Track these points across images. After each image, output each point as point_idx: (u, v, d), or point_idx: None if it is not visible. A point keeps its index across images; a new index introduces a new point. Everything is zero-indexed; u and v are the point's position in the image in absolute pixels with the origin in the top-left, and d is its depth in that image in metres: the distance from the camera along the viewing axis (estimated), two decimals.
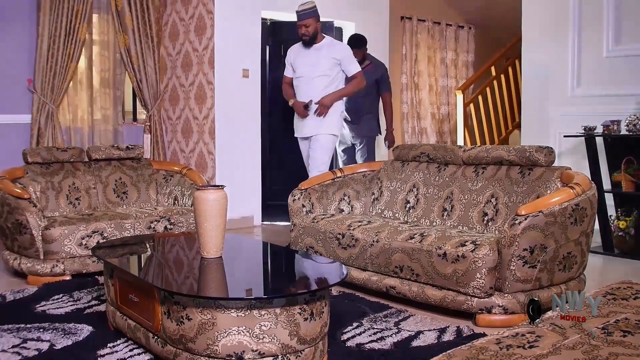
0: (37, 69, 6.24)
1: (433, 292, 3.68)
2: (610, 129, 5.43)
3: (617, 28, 5.95)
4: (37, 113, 6.25)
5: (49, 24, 6.22)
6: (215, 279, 3.15)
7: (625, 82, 5.84)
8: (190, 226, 4.86)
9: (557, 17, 6.31)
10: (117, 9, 6.71)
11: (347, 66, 5.49)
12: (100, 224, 4.54)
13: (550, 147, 4.07)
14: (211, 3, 6.56)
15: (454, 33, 9.92)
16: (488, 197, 4.13)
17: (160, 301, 2.77)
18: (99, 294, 4.01)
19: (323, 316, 2.77)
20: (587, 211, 3.61)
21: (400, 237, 3.89)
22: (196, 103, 6.83)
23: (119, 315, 3.20)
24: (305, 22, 5.29)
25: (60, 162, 5.07)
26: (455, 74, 9.99)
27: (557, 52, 6.34)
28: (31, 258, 4.42)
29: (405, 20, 9.24)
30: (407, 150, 4.82)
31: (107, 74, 6.86)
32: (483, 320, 3.48)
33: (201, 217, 3.17)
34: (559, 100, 6.34)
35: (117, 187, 5.23)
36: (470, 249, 3.51)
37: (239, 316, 2.57)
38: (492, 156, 4.25)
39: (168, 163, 5.90)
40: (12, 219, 4.42)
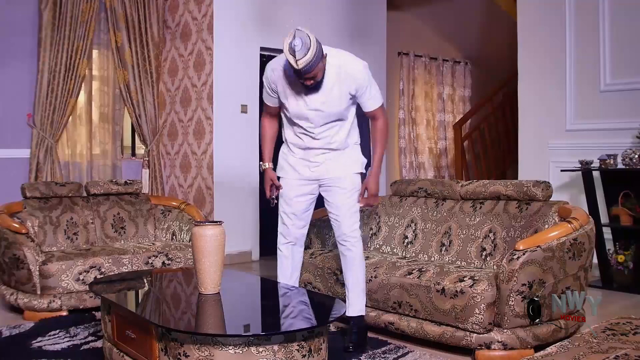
0: (37, 103, 6.28)
1: (432, 327, 3.66)
2: (607, 163, 5.45)
3: (613, 62, 6.00)
4: (36, 148, 6.27)
5: (49, 60, 6.28)
6: (212, 315, 3.14)
7: (621, 115, 5.88)
8: (188, 262, 4.85)
9: (553, 51, 6.37)
10: (117, 45, 6.77)
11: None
12: (97, 259, 4.52)
13: (548, 181, 4.08)
14: (210, 39, 6.63)
15: (451, 68, 10.01)
16: (486, 232, 4.13)
17: (157, 338, 2.76)
18: (96, 329, 3.98)
19: (321, 353, 2.76)
20: (585, 245, 3.61)
21: (398, 272, 3.88)
22: (195, 138, 6.85)
23: (116, 351, 3.17)
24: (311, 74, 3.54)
25: (58, 197, 5.07)
26: (452, 109, 10.05)
27: (553, 86, 6.39)
28: (28, 293, 4.39)
29: (403, 56, 9.33)
30: (405, 185, 4.83)
31: (107, 109, 6.91)
32: (482, 356, 3.46)
33: (199, 252, 3.17)
34: (556, 134, 6.37)
35: (115, 222, 5.22)
36: (468, 285, 3.50)
37: (237, 353, 2.55)
38: (489, 191, 4.26)
39: (166, 198, 5.90)
40: (10, 253, 4.41)
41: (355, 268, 3.74)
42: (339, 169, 3.77)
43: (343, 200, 3.75)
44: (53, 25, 6.28)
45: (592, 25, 6.09)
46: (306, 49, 3.46)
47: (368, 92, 3.71)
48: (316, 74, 3.54)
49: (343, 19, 7.69)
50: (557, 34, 6.34)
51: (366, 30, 7.92)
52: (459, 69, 10.11)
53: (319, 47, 3.55)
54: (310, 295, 3.71)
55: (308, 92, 3.65)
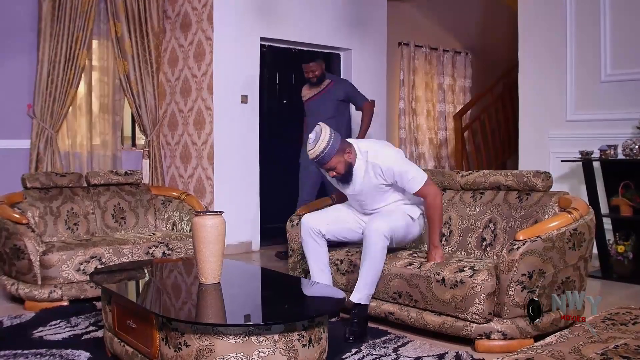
0: (37, 94, 6.27)
1: (432, 317, 3.67)
2: (607, 154, 5.45)
3: (613, 52, 5.99)
4: (36, 138, 6.27)
5: (49, 50, 6.27)
6: (213, 305, 3.15)
7: (622, 106, 5.87)
8: (188, 252, 4.85)
9: (554, 41, 6.36)
10: (116, 35, 6.76)
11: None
12: (98, 250, 4.53)
13: (548, 172, 4.08)
14: (210, 30, 6.62)
15: (451, 59, 9.99)
16: (486, 222, 4.14)
17: (158, 327, 2.76)
18: (97, 319, 3.99)
19: (322, 342, 2.77)
20: (585, 236, 3.61)
21: (398, 263, 3.89)
22: (195, 128, 6.85)
23: (117, 341, 3.18)
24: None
25: (59, 188, 5.07)
26: (453, 100, 10.04)
27: (553, 76, 6.38)
28: (29, 283, 4.40)
29: (403, 47, 9.31)
30: None
31: (107, 99, 6.90)
32: (482, 346, 3.47)
33: (199, 243, 3.17)
34: (556, 125, 6.37)
35: (115, 213, 5.23)
36: (468, 275, 3.50)
37: (237, 342, 2.56)
38: (489, 181, 4.26)
39: (166, 188, 5.90)
40: (10, 244, 4.42)
41: (371, 259, 3.75)
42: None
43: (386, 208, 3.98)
44: (53, 15, 6.27)
45: (593, 15, 6.07)
46: (315, 142, 3.71)
47: (406, 177, 3.82)
48: (335, 166, 3.79)
49: (343, 9, 7.67)
50: (558, 24, 6.33)
51: (366, 20, 7.91)
52: (460, 60, 10.09)
53: (333, 141, 3.75)
54: (311, 285, 3.71)
55: (340, 183, 3.96)
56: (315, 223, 3.97)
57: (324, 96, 6.23)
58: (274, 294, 3.46)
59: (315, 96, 6.25)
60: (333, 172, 3.80)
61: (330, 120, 5.83)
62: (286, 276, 4.17)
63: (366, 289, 3.78)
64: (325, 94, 6.24)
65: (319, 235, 3.98)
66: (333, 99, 6.20)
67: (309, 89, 6.32)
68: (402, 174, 3.80)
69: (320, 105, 6.20)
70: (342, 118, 6.29)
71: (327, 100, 6.21)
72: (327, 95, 6.22)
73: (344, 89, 6.28)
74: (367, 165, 3.84)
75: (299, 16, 7.24)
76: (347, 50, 7.82)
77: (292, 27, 7.23)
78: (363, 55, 7.88)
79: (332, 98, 6.20)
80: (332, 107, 6.19)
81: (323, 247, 4.01)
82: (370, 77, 7.96)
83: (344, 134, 5.80)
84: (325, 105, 6.19)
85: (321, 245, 4.00)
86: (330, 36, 7.58)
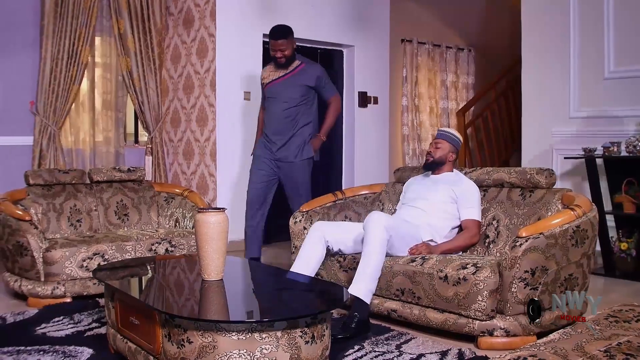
0: (40, 91, 6.28)
1: (434, 315, 3.67)
2: (610, 151, 5.44)
3: (617, 49, 5.97)
4: (39, 135, 6.28)
5: (51, 47, 6.27)
6: (216, 301, 3.15)
7: (625, 103, 5.86)
8: (191, 248, 4.86)
9: (557, 38, 6.34)
10: (119, 32, 6.76)
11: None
12: (101, 246, 4.54)
13: (551, 169, 4.08)
14: (213, 26, 6.62)
15: (454, 55, 9.97)
16: (489, 219, 4.14)
17: (161, 324, 2.76)
18: (100, 316, 4.00)
19: (324, 339, 2.77)
20: (588, 233, 3.61)
21: (401, 260, 3.89)
22: (197, 125, 6.85)
23: (120, 337, 3.19)
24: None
25: (61, 184, 5.08)
26: (456, 96, 10.02)
27: (557, 73, 6.36)
28: (32, 280, 4.41)
29: (406, 43, 9.29)
30: (408, 172, 4.83)
31: (109, 96, 6.90)
32: (485, 343, 3.47)
33: (202, 239, 3.17)
34: (559, 121, 6.36)
35: (118, 209, 5.23)
36: (471, 272, 3.50)
37: (240, 339, 2.56)
38: (493, 178, 4.26)
39: (169, 185, 5.91)
40: (13, 240, 4.42)
41: (368, 251, 3.76)
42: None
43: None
44: (55, 12, 6.27)
45: (597, 11, 6.06)
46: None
47: (469, 204, 4.15)
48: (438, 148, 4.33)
49: (346, 5, 7.66)
50: (561, 21, 6.31)
51: (369, 17, 7.90)
52: (463, 56, 10.07)
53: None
54: (313, 282, 3.72)
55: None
56: (324, 232, 4.14)
57: (291, 80, 5.31)
58: (276, 291, 3.46)
59: (280, 79, 5.33)
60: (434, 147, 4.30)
61: (295, 108, 5.28)
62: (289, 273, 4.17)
63: (365, 281, 3.73)
64: (292, 76, 5.31)
65: (322, 242, 4.09)
66: (301, 83, 5.29)
67: (274, 70, 5.39)
68: (469, 200, 4.11)
69: (286, 89, 5.29)
70: (309, 108, 5.39)
71: (293, 84, 5.29)
72: (294, 79, 5.30)
73: (317, 73, 5.36)
74: (455, 176, 4.27)
75: (302, 13, 7.24)
76: (350, 47, 7.81)
77: (294, 24, 7.17)
78: (366, 52, 7.87)
79: (300, 82, 5.29)
80: (299, 93, 5.28)
81: (321, 252, 4.08)
82: (373, 74, 7.96)
83: (314, 128, 5.39)
84: (290, 90, 5.28)
85: (320, 251, 4.07)
86: (333, 33, 7.57)
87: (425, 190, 4.29)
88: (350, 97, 7.83)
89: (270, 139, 5.35)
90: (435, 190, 4.22)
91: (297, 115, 5.32)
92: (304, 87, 5.28)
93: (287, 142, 5.31)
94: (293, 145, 5.31)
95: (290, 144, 5.32)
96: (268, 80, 5.41)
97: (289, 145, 5.31)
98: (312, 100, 5.38)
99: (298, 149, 5.30)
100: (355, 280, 3.75)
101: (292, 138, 5.31)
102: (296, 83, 5.28)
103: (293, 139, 5.32)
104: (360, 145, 7.85)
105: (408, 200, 4.39)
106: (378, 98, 8.02)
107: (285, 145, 5.31)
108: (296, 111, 5.31)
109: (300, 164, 5.32)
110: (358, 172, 7.79)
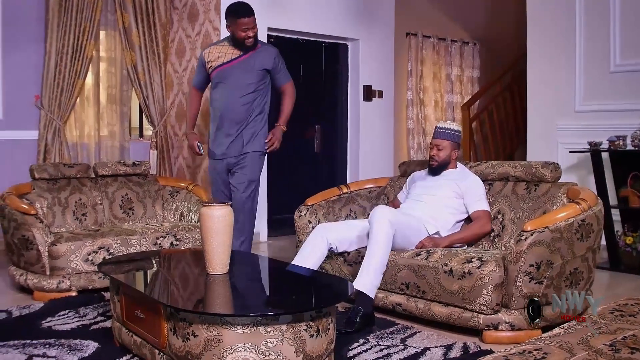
0: (45, 85, 6.28)
1: (439, 308, 3.67)
2: (616, 144, 5.42)
3: (623, 42, 5.95)
4: (44, 129, 6.29)
5: (56, 41, 6.27)
6: (221, 295, 3.15)
7: (631, 96, 5.84)
8: (196, 242, 4.86)
9: (563, 31, 6.32)
10: (124, 26, 6.76)
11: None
12: (106, 240, 4.54)
13: (557, 163, 4.07)
14: (217, 20, 6.61)
15: (459, 49, 9.94)
16: (494, 213, 4.13)
17: (166, 317, 2.77)
18: (105, 310, 4.01)
19: (329, 333, 2.77)
20: (594, 227, 3.60)
21: (406, 254, 3.89)
22: (202, 119, 6.85)
23: (125, 331, 3.20)
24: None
25: (67, 178, 5.08)
26: (461, 90, 9.99)
27: (562, 66, 6.35)
28: (37, 274, 4.42)
29: (411, 37, 9.27)
30: (413, 166, 4.82)
31: (114, 90, 6.90)
32: (490, 337, 3.46)
33: (207, 233, 3.18)
34: (565, 115, 6.34)
35: (123, 203, 5.24)
36: (476, 266, 3.50)
37: (245, 333, 2.57)
38: (498, 172, 4.25)
39: (174, 179, 5.91)
40: (19, 234, 4.43)
41: (375, 243, 3.75)
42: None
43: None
44: (60, 6, 6.26)
45: (603, 5, 6.04)
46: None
47: (475, 196, 4.17)
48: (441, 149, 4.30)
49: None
50: (567, 14, 6.29)
51: (374, 11, 7.88)
52: (468, 50, 10.04)
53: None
54: (318, 276, 3.72)
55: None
56: (327, 234, 4.09)
57: (247, 62, 4.77)
58: (281, 285, 3.46)
59: (235, 61, 4.77)
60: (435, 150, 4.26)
61: (253, 95, 4.79)
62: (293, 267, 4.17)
63: (369, 275, 3.71)
64: (248, 59, 4.77)
65: (324, 244, 4.05)
66: (258, 67, 4.78)
67: (225, 51, 4.81)
68: (475, 193, 4.13)
69: (242, 74, 4.76)
70: (265, 94, 4.90)
71: (250, 67, 4.77)
72: (250, 61, 4.77)
73: (273, 54, 4.87)
74: (459, 172, 4.27)
75: (307, 6, 7.22)
76: (354, 41, 7.79)
77: (299, 18, 7.21)
78: (370, 46, 7.85)
79: (256, 66, 4.77)
80: (257, 77, 4.78)
81: (321, 253, 4.05)
82: (377, 68, 7.94)
83: (267, 117, 4.93)
84: (248, 75, 4.76)
85: (320, 252, 4.04)
86: (338, 26, 7.55)
87: (430, 185, 4.30)
88: (355, 90, 7.82)
89: (224, 131, 4.82)
90: (440, 186, 4.23)
91: (254, 103, 4.80)
92: (261, 72, 4.80)
93: (239, 133, 4.81)
94: (246, 136, 4.81)
95: (244, 135, 4.81)
96: (218, 62, 4.82)
97: (241, 137, 4.81)
98: (268, 86, 4.91)
99: (250, 141, 4.81)
100: (360, 274, 3.74)
101: (245, 129, 4.81)
102: (254, 66, 4.76)
103: (246, 130, 4.81)
104: (365, 139, 7.84)
105: (413, 194, 4.38)
106: (383, 92, 8.01)
107: (238, 136, 4.81)
108: (253, 98, 4.78)
109: (251, 157, 4.83)
110: (363, 166, 7.79)
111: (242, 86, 4.75)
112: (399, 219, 3.88)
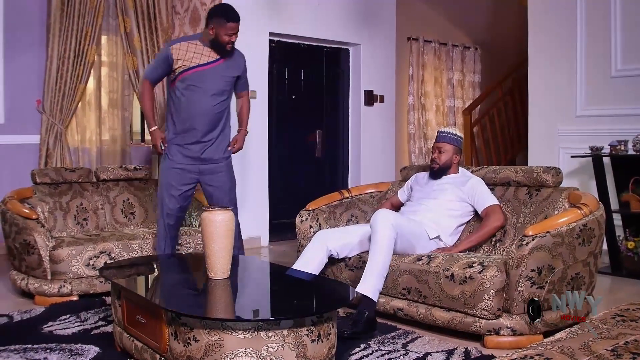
0: (46, 89, 6.29)
1: (441, 313, 3.66)
2: (617, 149, 5.42)
3: (624, 47, 5.96)
4: (45, 134, 6.29)
5: (58, 46, 6.28)
6: (222, 300, 3.15)
7: (632, 101, 5.84)
8: (197, 247, 4.86)
9: (564, 36, 6.33)
10: (125, 30, 6.76)
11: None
12: (107, 245, 4.55)
13: (558, 168, 4.07)
14: None
15: (461, 54, 9.95)
16: None
17: (167, 322, 2.77)
18: (106, 314, 4.00)
19: (330, 338, 2.77)
20: (595, 232, 3.60)
21: (407, 258, 3.88)
22: None
23: (126, 336, 3.19)
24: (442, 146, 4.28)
25: (68, 183, 5.09)
26: (462, 95, 10.01)
27: (564, 71, 6.35)
28: (39, 278, 4.42)
29: (412, 41, 9.28)
30: (415, 171, 4.82)
31: (116, 95, 6.91)
32: (491, 342, 3.46)
33: (208, 238, 3.18)
34: (566, 120, 6.34)
35: (124, 208, 5.24)
36: (477, 271, 3.49)
37: (246, 337, 2.56)
38: (499, 177, 4.25)
39: None
40: (20, 239, 4.44)
41: (376, 250, 3.75)
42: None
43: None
44: (62, 11, 6.28)
45: (604, 10, 6.04)
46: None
47: (481, 194, 4.19)
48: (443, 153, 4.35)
49: (353, 4, 7.65)
50: (568, 19, 6.30)
51: (375, 16, 7.89)
52: (469, 55, 10.05)
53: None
54: (320, 281, 3.71)
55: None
56: (327, 242, 4.09)
57: (223, 67, 4.50)
58: (283, 289, 3.46)
59: (212, 64, 4.45)
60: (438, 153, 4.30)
61: (225, 102, 4.56)
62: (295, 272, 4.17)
63: (372, 280, 3.72)
64: (225, 64, 4.49)
65: (324, 251, 4.06)
66: (232, 73, 4.55)
67: (201, 52, 4.44)
68: (480, 192, 4.14)
69: (215, 79, 4.47)
70: (230, 99, 4.68)
71: (222, 73, 4.50)
72: (226, 67, 4.51)
73: (244, 63, 4.69)
74: (460, 177, 4.29)
75: (308, 11, 7.24)
76: (356, 45, 7.80)
77: (301, 23, 7.22)
78: (372, 51, 7.86)
79: (228, 72, 4.53)
80: (229, 85, 4.57)
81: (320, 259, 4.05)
82: (379, 72, 7.95)
83: (229, 123, 4.70)
84: (222, 82, 4.51)
85: (320, 258, 4.05)
86: (339, 31, 7.56)
87: (431, 189, 4.30)
88: (357, 95, 7.83)
89: (195, 136, 4.49)
90: (442, 190, 4.23)
91: (226, 110, 4.60)
92: (233, 78, 4.58)
93: (215, 140, 4.55)
94: (223, 143, 4.61)
95: (220, 142, 4.58)
96: (192, 63, 4.41)
97: (218, 144, 4.58)
98: (232, 93, 4.69)
99: (225, 147, 4.62)
100: (363, 278, 3.74)
101: (219, 136, 4.58)
102: (227, 73, 4.52)
103: (221, 136, 4.59)
104: (367, 144, 7.85)
105: (414, 198, 4.38)
106: (384, 96, 8.01)
107: (215, 143, 4.55)
108: (227, 104, 4.58)
109: (226, 165, 4.65)
110: (364, 171, 7.79)
111: (219, 92, 4.48)
112: (400, 222, 3.88)
